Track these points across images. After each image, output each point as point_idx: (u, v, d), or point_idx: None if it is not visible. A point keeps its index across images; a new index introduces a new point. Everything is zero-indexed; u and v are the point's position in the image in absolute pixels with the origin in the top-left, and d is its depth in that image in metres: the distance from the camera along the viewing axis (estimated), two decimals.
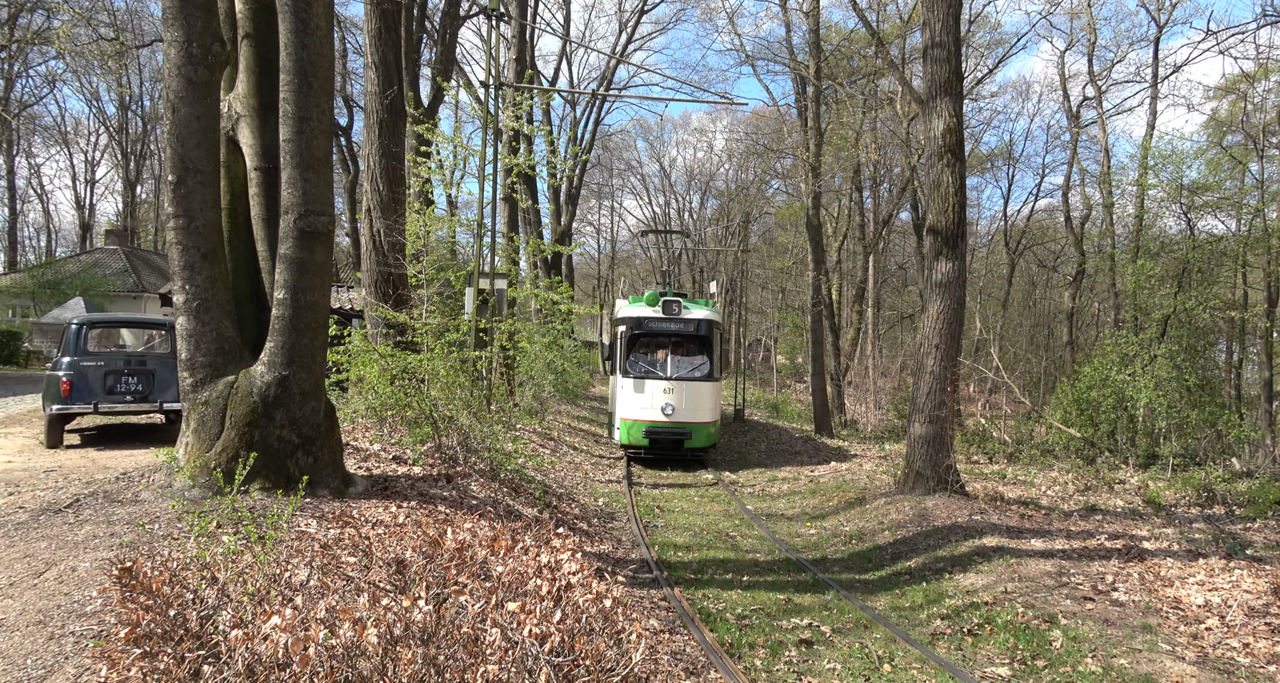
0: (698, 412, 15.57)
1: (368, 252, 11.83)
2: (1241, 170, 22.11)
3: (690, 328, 16.00)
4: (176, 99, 6.24)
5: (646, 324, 15.95)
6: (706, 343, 16.22)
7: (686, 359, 16.17)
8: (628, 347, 15.91)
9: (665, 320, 15.92)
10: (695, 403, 15.53)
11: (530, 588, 3.05)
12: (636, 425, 15.36)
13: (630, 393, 15.52)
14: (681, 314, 15.95)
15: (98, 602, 4.08)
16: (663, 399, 15.31)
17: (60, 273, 31.36)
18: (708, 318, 16.17)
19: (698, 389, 15.66)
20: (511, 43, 19.41)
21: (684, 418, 15.38)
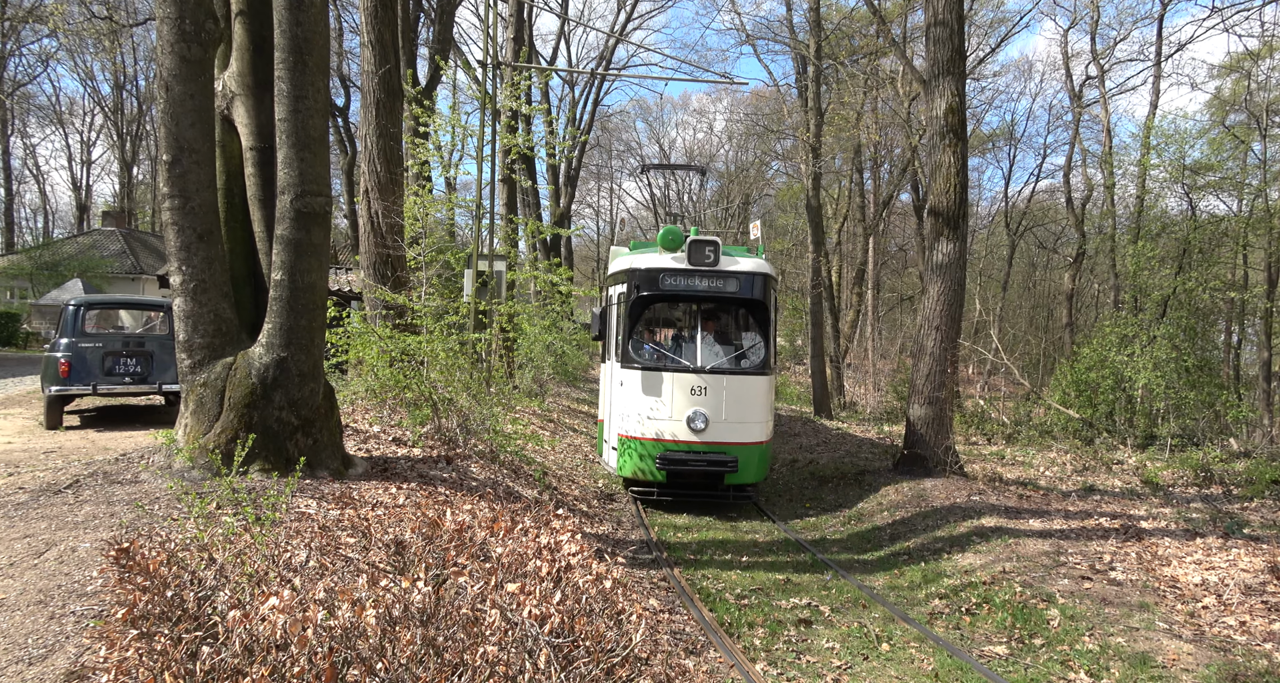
0: (745, 425, 9.61)
1: (366, 233, 11.75)
2: (1244, 150, 21.96)
3: (734, 288, 9.85)
4: (170, 77, 6.16)
5: (664, 282, 9.82)
6: (759, 313, 10.23)
7: (727, 339, 10.40)
8: (631, 318, 9.88)
9: (694, 275, 9.78)
10: (741, 410, 9.53)
11: (530, 569, 3.05)
12: (645, 449, 9.51)
13: (635, 394, 9.62)
14: (720, 265, 9.81)
15: (98, 582, 4.08)
16: (690, 405, 9.45)
17: (58, 254, 31.25)
18: (760, 272, 9.94)
19: (745, 388, 9.65)
20: (509, 21, 19.19)
21: (724, 436, 9.43)
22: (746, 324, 10.66)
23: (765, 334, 10.10)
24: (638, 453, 9.71)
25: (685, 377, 9.60)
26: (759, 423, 9.83)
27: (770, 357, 9.99)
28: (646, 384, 9.64)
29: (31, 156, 48.02)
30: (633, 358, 9.87)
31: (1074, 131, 30.92)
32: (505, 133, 15.24)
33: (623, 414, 9.96)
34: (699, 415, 9.47)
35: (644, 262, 10.01)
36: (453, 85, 18.90)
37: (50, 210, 51.42)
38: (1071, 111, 30.97)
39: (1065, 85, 30.92)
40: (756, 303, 10.15)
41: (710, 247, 9.84)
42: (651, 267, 9.94)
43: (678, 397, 9.54)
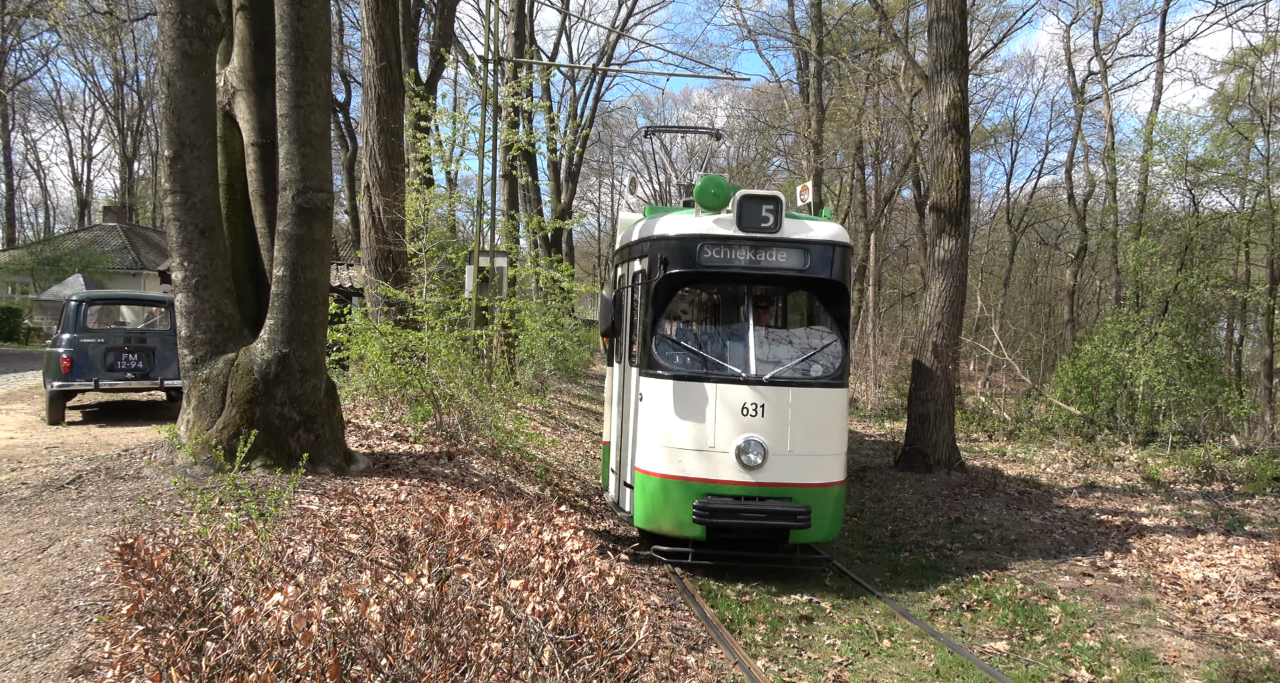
0: (817, 459, 6.99)
1: (367, 229, 11.75)
2: (1247, 146, 21.92)
3: (803, 263, 7.16)
4: (172, 73, 6.15)
5: (704, 255, 7.11)
6: (836, 300, 7.49)
7: (791, 337, 7.48)
8: (655, 307, 7.22)
9: (747, 245, 7.08)
10: (813, 437, 6.92)
11: (533, 566, 3.06)
12: (675, 492, 6.91)
13: (662, 414, 7.00)
14: (783, 232, 7.09)
15: (101, 577, 4.09)
16: (741, 430, 6.80)
17: (59, 250, 31.26)
18: (839, 242, 7.29)
19: (817, 406, 6.98)
20: (510, 17, 19.15)
21: (789, 474, 6.84)
22: (818, 315, 7.64)
23: (843, 330, 7.29)
24: (664, 498, 6.84)
25: (735, 390, 6.70)
26: (834, 455, 6.98)
27: (846, 361, 7.17)
28: (680, 400, 6.79)
29: (32, 152, 48.12)
30: (659, 363, 6.96)
31: (1076, 127, 30.88)
32: (507, 128, 15.22)
33: (643, 441, 7.05)
34: (754, 445, 6.59)
35: (675, 227, 7.14)
36: (454, 81, 18.91)
37: (51, 206, 51.46)
38: (1074, 107, 30.91)
39: (1067, 81, 30.87)
40: (833, 286, 7.23)
41: (769, 205, 6.94)
42: (686, 233, 7.01)
43: (724, 419, 6.68)
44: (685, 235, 7.10)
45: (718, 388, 6.85)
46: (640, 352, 7.29)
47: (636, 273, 7.59)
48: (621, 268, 8.28)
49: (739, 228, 7.00)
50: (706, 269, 7.10)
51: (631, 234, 7.85)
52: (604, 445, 8.99)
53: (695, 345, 7.34)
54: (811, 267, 7.14)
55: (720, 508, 6.68)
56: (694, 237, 7.07)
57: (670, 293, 7.45)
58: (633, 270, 7.72)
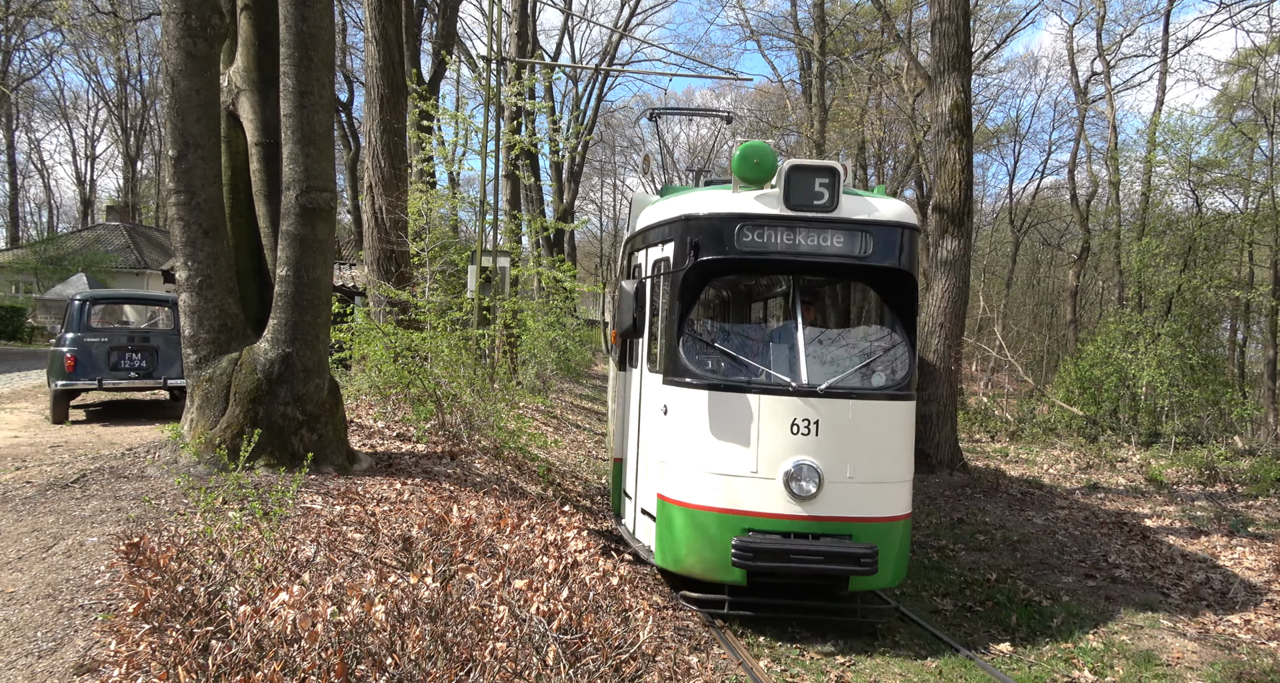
0: (882, 487, 5.86)
1: (369, 229, 11.76)
2: (1251, 147, 21.89)
3: (865, 248, 5.97)
4: (176, 73, 6.16)
5: (743, 238, 5.93)
6: (901, 293, 6.27)
7: (848, 338, 6.50)
8: (683, 302, 6.09)
9: (798, 226, 5.89)
10: (877, 460, 5.82)
11: (537, 566, 3.06)
12: (708, 526, 5.78)
13: (691, 431, 5.92)
14: (841, 211, 5.91)
15: (105, 576, 4.10)
16: (791, 451, 5.64)
17: (62, 249, 31.32)
18: (907, 224, 6.11)
19: (881, 422, 5.88)
20: (513, 17, 19.17)
21: (849, 506, 5.69)
22: (879, 312, 6.41)
23: (909, 330, 6.06)
24: (695, 533, 5.68)
25: (783, 403, 5.54)
26: (901, 483, 5.85)
27: (913, 365, 5.95)
28: (715, 415, 5.66)
29: (36, 151, 48.29)
30: (688, 369, 5.80)
31: (1079, 128, 30.85)
32: (509, 131, 15.24)
33: (668, 463, 5.95)
34: (807, 471, 5.43)
35: (708, 205, 5.97)
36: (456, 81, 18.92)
37: (55, 205, 51.57)
38: (1077, 108, 30.89)
39: (1070, 81, 30.86)
40: (899, 276, 6.02)
41: (824, 179, 5.72)
42: (722, 213, 5.84)
43: (769, 437, 5.53)
44: (721, 215, 5.87)
45: (761, 400, 5.59)
46: (663, 355, 6.07)
47: (658, 261, 6.37)
48: (639, 255, 6.96)
49: (786, 206, 5.74)
50: (747, 256, 5.87)
51: (651, 216, 6.59)
52: (614, 463, 7.68)
53: (733, 348, 6.08)
54: (874, 253, 5.85)
55: (766, 549, 5.43)
56: (732, 216, 5.82)
57: (701, 284, 6.22)
58: (653, 259, 6.51)
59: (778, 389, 5.63)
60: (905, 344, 6.07)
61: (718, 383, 5.78)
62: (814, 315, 6.70)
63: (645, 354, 6.64)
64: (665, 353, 6.09)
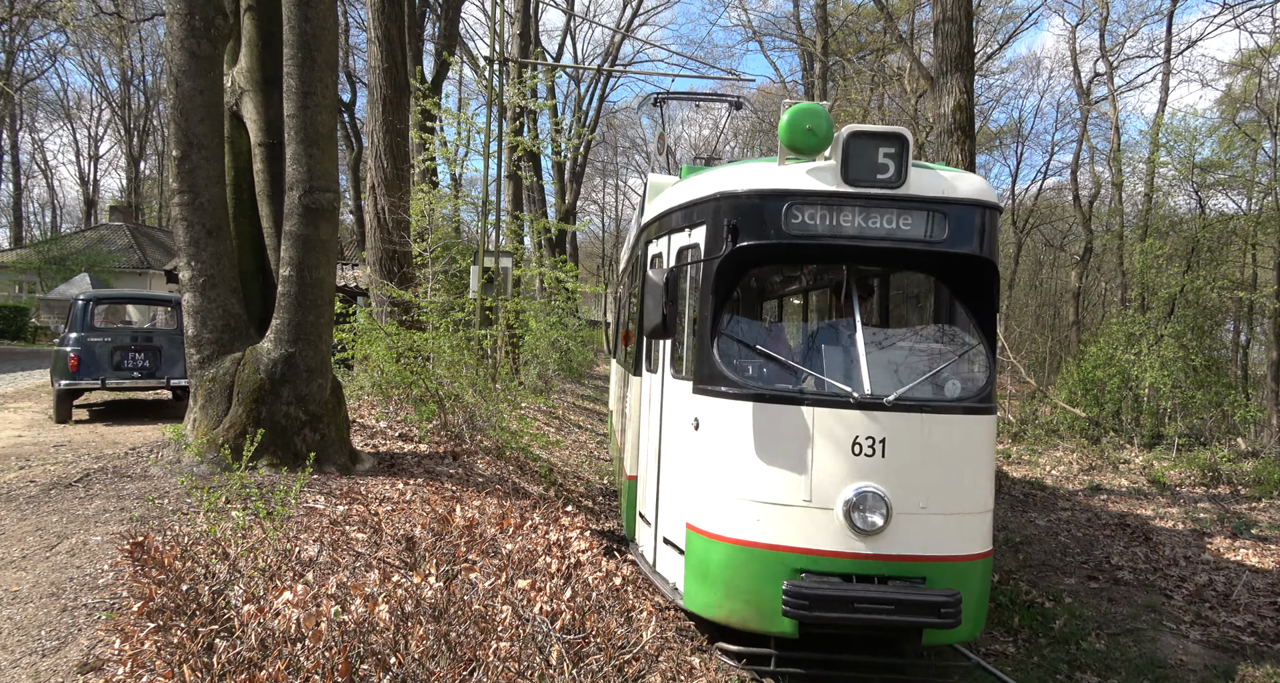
0: (960, 519, 4.80)
1: (372, 229, 11.78)
2: (1254, 148, 21.87)
3: (940, 232, 4.92)
4: (179, 73, 6.18)
5: (792, 219, 4.89)
6: (979, 286, 5.22)
7: (916, 340, 5.52)
8: (718, 296, 5.09)
9: (859, 204, 4.87)
10: (953, 487, 4.77)
11: (540, 566, 3.07)
12: (751, 565, 4.75)
13: (729, 451, 4.90)
14: (911, 186, 4.85)
15: (109, 575, 4.11)
16: (851, 476, 4.64)
17: (65, 249, 31.40)
18: (987, 202, 5.06)
19: (957, 441, 4.83)
20: (516, 18, 19.19)
21: (922, 543, 4.67)
22: (954, 308, 5.37)
23: (988, 330, 5.19)
24: (736, 574, 4.78)
25: (843, 417, 4.68)
26: (982, 513, 4.92)
27: (993, 372, 5.12)
28: (759, 431, 4.77)
29: (39, 151, 48.40)
30: (724, 376, 4.91)
31: (1082, 129, 30.82)
32: (511, 131, 15.25)
33: (700, 487, 5.02)
34: (873, 500, 4.56)
35: (748, 180, 5.04)
36: (459, 81, 18.94)
37: (58, 205, 51.70)
38: (1079, 109, 30.86)
39: (1073, 82, 30.84)
40: (979, 266, 5.08)
41: (889, 148, 4.82)
42: (767, 190, 4.92)
43: (825, 458, 4.66)
44: (765, 192, 4.90)
45: (816, 414, 4.66)
46: (694, 359, 5.14)
47: (685, 249, 5.46)
48: (658, 243, 5.96)
49: (845, 181, 4.79)
50: (796, 241, 4.89)
51: (676, 197, 5.68)
52: (626, 481, 6.69)
53: (779, 351, 5.24)
54: (950, 237, 4.89)
55: (824, 595, 4.45)
56: (778, 193, 4.86)
57: (739, 275, 5.25)
58: (677, 246, 5.57)
59: (836, 401, 4.68)
60: (984, 346, 5.14)
61: (762, 393, 4.82)
62: (875, 312, 5.88)
63: (667, 358, 5.71)
64: (696, 357, 5.12)
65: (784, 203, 4.85)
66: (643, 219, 6.74)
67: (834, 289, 5.66)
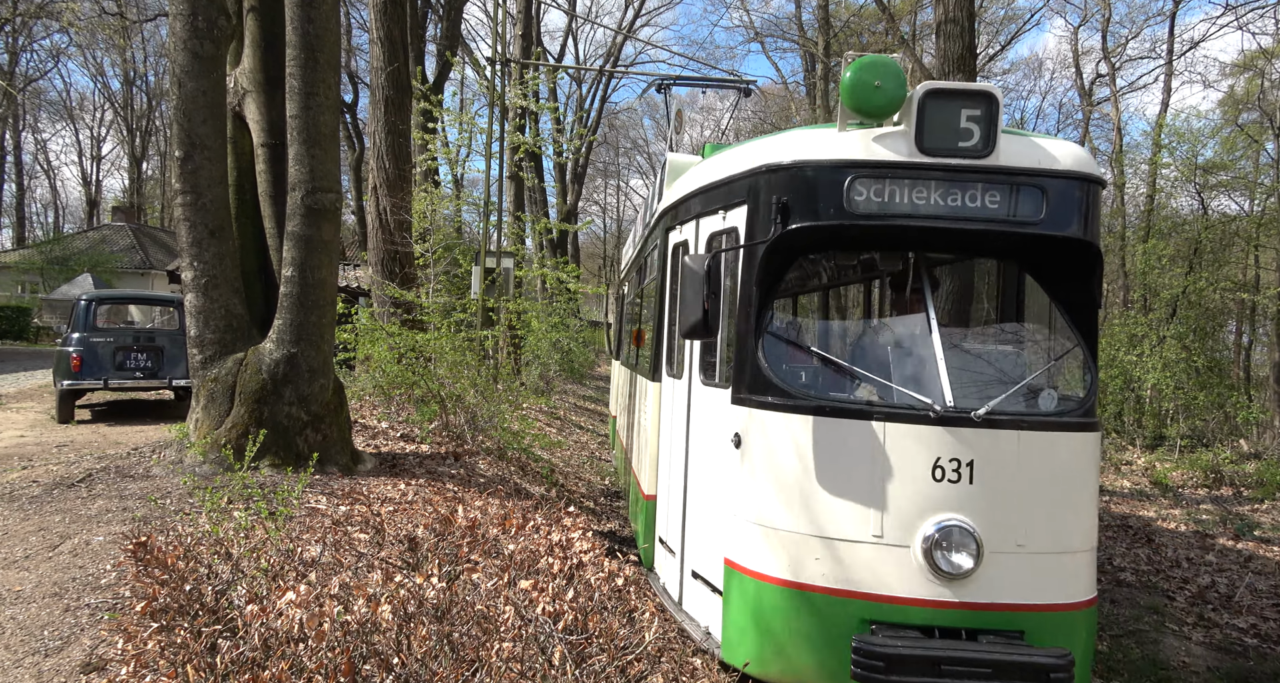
0: (1062, 559, 3.91)
1: (374, 230, 11.80)
2: (1257, 149, 21.85)
3: (1031, 210, 4.02)
4: (182, 74, 6.19)
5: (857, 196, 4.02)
6: (1078, 272, 4.28)
7: (999, 340, 4.59)
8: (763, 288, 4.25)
9: (939, 178, 4.00)
10: (1054, 517, 3.89)
11: (542, 566, 3.07)
12: (814, 614, 3.89)
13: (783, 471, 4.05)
14: (1000, 156, 3.99)
15: (112, 575, 4.12)
16: (931, 507, 3.80)
17: (68, 249, 31.46)
18: (1084, 174, 4.09)
19: (1056, 461, 3.93)
20: (518, 18, 19.21)
21: (1015, 588, 3.78)
22: (1048, 304, 4.52)
23: (1089, 330, 4.35)
24: (790, 624, 4.00)
25: (920, 435, 3.92)
26: (1086, 551, 4.08)
27: (1095, 380, 4.30)
28: (820, 450, 4.01)
29: (42, 152, 48.46)
30: (771, 383, 4.16)
31: (1084, 130, 30.80)
32: (513, 131, 15.27)
33: (742, 517, 4.23)
34: (959, 536, 3.81)
35: (802, 149, 4.22)
36: (460, 82, 18.96)
37: (60, 205, 51.84)
38: (1081, 110, 30.87)
39: (1075, 83, 30.87)
40: (1080, 251, 4.24)
41: (974, 109, 4.04)
42: (825, 161, 4.13)
43: (900, 485, 3.92)
44: (824, 163, 4.07)
45: (888, 431, 3.87)
46: (735, 363, 4.32)
47: (718, 235, 4.71)
48: (680, 231, 5.26)
49: (921, 149, 3.98)
50: (860, 222, 4.05)
51: (705, 174, 4.91)
52: (645, 501, 5.78)
53: (839, 354, 4.52)
54: (1048, 217, 4.04)
55: (903, 654, 3.58)
56: (840, 165, 4.03)
57: (788, 263, 4.46)
58: (708, 232, 4.82)
59: (912, 415, 3.86)
60: (1085, 350, 4.29)
61: (823, 404, 4.02)
62: (953, 308, 5.09)
63: (695, 361, 4.88)
64: (736, 360, 4.31)
65: (846, 176, 4.03)
66: (658, 206, 6.01)
67: (902, 280, 4.73)
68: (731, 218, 4.56)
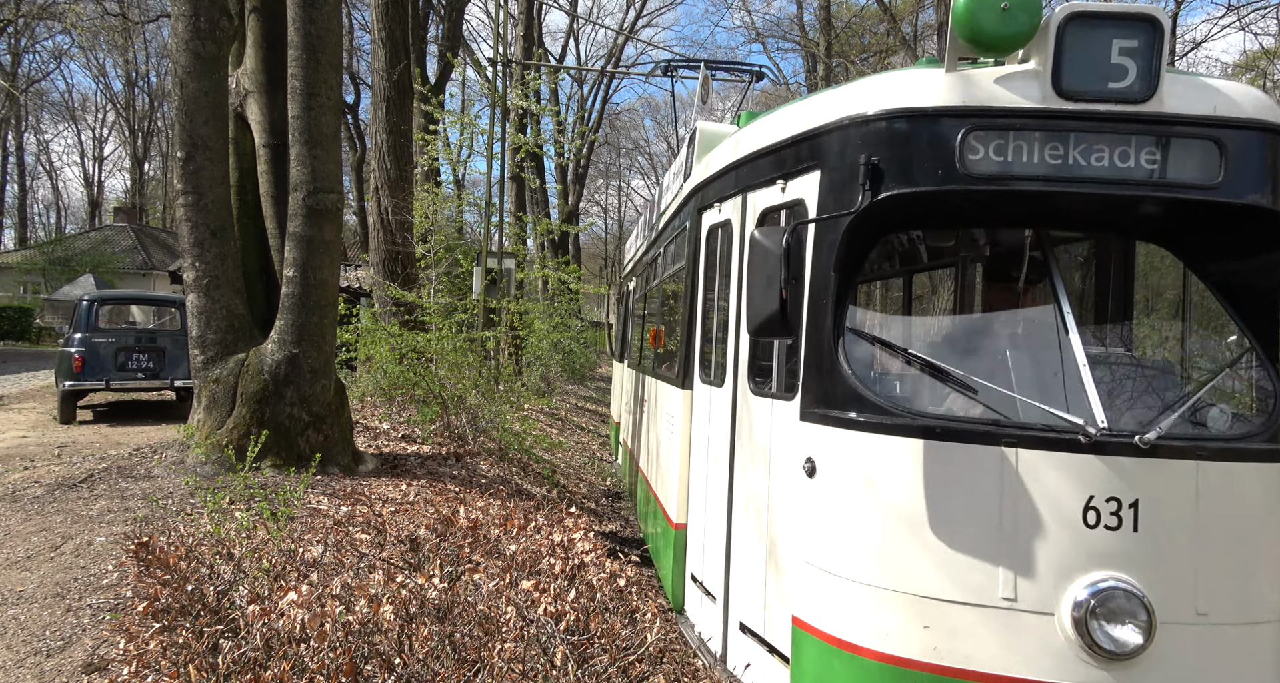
0: (1251, 631, 2.85)
1: (375, 230, 11.81)
2: None
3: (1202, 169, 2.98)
4: (184, 75, 6.20)
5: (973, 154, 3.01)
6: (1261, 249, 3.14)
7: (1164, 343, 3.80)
8: (842, 279, 3.26)
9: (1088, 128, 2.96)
10: (1245, 575, 2.86)
11: (544, 567, 3.07)
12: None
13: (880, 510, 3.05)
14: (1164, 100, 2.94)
15: (114, 575, 4.12)
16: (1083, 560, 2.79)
17: (70, 250, 31.52)
18: (1267, 122, 2.99)
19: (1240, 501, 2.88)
20: (519, 19, 19.23)
21: (1193, 674, 2.75)
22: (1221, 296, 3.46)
23: (1269, 331, 3.33)
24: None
25: (1064, 465, 2.89)
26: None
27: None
28: (932, 485, 3.01)
29: (44, 153, 48.58)
30: (858, 394, 3.19)
31: None
32: (514, 132, 15.28)
33: (817, 564, 3.28)
34: (1120, 599, 2.78)
35: (899, 93, 3.23)
36: (462, 83, 18.99)
37: (62, 206, 51.95)
38: None
39: None
40: (1266, 222, 3.14)
41: (1131, 40, 2.98)
42: (935, 107, 3.12)
43: (1040, 532, 2.89)
44: (929, 112, 3.14)
45: (1021, 459, 2.95)
46: (806, 368, 3.40)
47: (773, 211, 3.81)
48: (721, 209, 4.40)
49: (1058, 93, 3.03)
50: (979, 187, 3.10)
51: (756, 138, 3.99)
52: (673, 530, 4.94)
53: (948, 359, 3.28)
54: (1226, 181, 3.07)
55: None
56: (952, 114, 3.10)
57: (873, 242, 3.57)
58: (759, 208, 3.92)
59: (1056, 440, 2.91)
60: (1263, 353, 3.30)
61: (932, 425, 3.03)
62: (1094, 300, 4.05)
63: (744, 364, 3.97)
64: (809, 365, 3.38)
65: (959, 129, 3.05)
66: (683, 184, 5.28)
67: (1024, 264, 3.74)
68: (797, 188, 3.61)
